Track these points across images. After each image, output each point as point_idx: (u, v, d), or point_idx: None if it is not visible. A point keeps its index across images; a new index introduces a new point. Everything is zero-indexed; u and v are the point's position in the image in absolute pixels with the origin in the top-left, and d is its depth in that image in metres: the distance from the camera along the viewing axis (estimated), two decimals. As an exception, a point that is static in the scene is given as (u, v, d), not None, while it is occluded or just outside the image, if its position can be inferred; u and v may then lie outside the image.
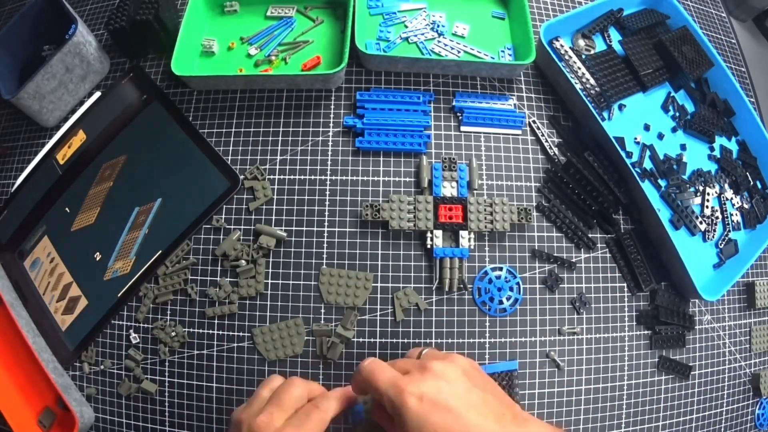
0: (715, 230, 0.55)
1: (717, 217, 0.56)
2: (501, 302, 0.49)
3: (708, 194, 0.56)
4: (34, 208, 0.56)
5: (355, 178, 0.51)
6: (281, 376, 0.40)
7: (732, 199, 0.57)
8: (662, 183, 0.55)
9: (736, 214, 0.57)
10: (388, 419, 0.35)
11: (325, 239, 0.50)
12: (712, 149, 0.59)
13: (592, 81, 0.56)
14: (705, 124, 0.58)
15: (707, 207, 0.55)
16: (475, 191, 0.51)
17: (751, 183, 0.59)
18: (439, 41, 0.57)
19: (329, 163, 0.52)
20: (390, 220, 0.48)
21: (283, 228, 0.50)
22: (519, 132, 0.54)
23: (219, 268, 0.50)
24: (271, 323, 0.48)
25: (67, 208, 0.55)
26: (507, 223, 0.49)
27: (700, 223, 0.54)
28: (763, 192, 0.59)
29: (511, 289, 0.49)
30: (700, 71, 0.58)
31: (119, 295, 0.51)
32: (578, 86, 0.53)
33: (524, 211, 0.50)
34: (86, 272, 0.53)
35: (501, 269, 0.50)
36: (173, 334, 0.49)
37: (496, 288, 0.49)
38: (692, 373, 0.52)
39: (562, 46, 0.57)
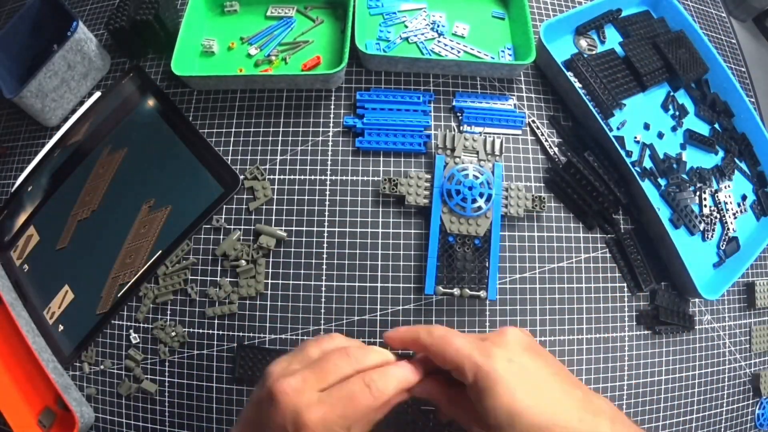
0: (714, 229, 0.55)
1: (716, 217, 0.56)
2: (474, 201, 0.47)
3: (706, 193, 0.56)
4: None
5: (355, 178, 0.51)
6: (345, 337, 0.33)
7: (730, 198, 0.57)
8: (662, 182, 0.55)
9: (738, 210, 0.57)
10: (442, 394, 0.32)
11: (325, 239, 0.50)
12: (716, 153, 0.59)
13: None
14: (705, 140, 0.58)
15: (706, 206, 0.55)
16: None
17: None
18: (439, 41, 0.57)
19: (329, 163, 0.52)
20: (407, 195, 0.48)
21: (283, 228, 0.50)
22: (519, 132, 0.54)
23: (219, 268, 0.50)
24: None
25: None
26: (521, 209, 0.49)
27: (700, 222, 0.54)
28: (763, 191, 0.59)
29: (482, 185, 0.47)
30: (694, 75, 0.58)
31: (119, 295, 0.51)
32: (578, 86, 0.53)
33: (538, 199, 0.50)
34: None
35: (467, 168, 0.48)
36: (173, 334, 0.49)
37: (467, 187, 0.47)
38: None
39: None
